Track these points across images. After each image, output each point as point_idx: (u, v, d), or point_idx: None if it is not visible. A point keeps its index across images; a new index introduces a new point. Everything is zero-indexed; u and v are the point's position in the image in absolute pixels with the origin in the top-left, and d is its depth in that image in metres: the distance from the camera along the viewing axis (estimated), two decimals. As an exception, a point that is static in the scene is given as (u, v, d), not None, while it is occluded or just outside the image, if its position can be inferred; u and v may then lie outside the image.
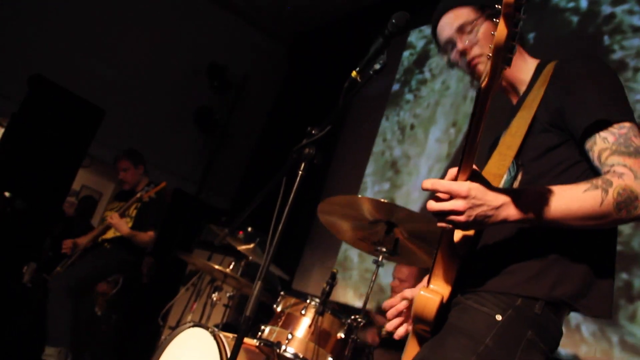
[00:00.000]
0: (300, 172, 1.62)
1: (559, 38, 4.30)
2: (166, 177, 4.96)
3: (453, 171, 1.19)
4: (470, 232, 1.37)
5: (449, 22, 1.62)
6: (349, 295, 5.17)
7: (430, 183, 1.18)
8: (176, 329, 2.90)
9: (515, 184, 1.42)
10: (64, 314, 4.11)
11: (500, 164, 1.43)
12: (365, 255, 5.18)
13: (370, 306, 3.78)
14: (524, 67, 1.60)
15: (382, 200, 2.60)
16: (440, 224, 1.21)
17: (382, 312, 3.48)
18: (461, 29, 1.60)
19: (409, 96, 5.60)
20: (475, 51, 1.57)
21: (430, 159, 4.96)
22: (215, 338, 2.59)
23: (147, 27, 6.57)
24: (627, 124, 1.29)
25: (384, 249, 2.69)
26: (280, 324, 2.70)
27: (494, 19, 1.53)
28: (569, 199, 1.19)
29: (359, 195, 2.67)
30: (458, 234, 1.36)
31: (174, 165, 6.77)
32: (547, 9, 4.49)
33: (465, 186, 1.14)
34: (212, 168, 6.98)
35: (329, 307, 2.69)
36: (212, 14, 7.11)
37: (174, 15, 6.79)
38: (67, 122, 5.23)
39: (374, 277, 2.75)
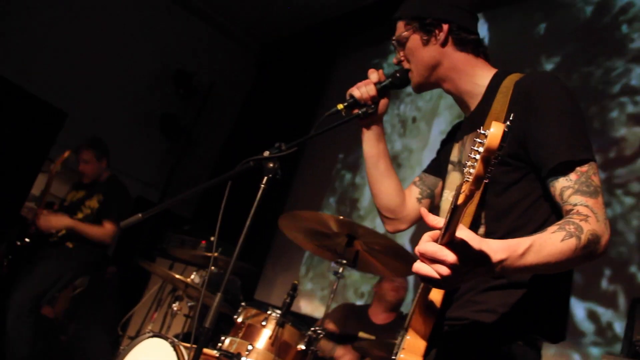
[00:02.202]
0: (262, 186, 1.62)
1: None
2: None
3: (435, 233, 1.14)
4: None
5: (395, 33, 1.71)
6: (311, 307, 5.18)
7: (418, 249, 1.13)
8: (135, 338, 2.87)
9: (481, 222, 1.45)
10: (26, 332, 3.94)
11: None
12: (328, 266, 5.21)
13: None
14: (474, 79, 1.61)
15: (341, 217, 2.64)
16: (423, 281, 1.20)
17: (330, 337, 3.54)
18: (397, 42, 1.70)
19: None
20: (407, 65, 1.69)
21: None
22: (174, 349, 2.57)
23: (114, 31, 6.49)
24: (587, 163, 1.34)
25: (344, 261, 2.73)
26: (240, 335, 2.70)
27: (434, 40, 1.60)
28: (547, 253, 1.19)
29: (320, 212, 2.71)
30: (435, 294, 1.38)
31: (137, 171, 6.68)
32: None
33: (451, 257, 1.08)
34: (176, 175, 6.91)
35: (290, 318, 2.70)
36: (180, 20, 7.08)
37: (143, 19, 6.73)
38: (28, 125, 5.13)
39: (334, 288, 2.78)
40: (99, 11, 6.39)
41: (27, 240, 4.29)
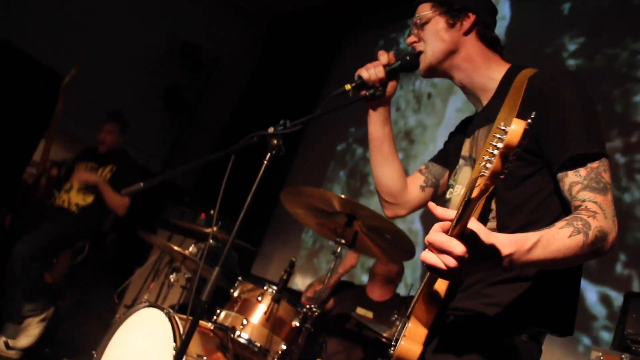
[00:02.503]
0: (265, 162, 1.62)
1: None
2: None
3: (446, 224, 1.14)
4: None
5: (416, 14, 1.69)
6: (308, 284, 5.21)
7: (428, 239, 1.13)
8: (131, 308, 2.89)
9: (491, 216, 1.45)
10: (33, 273, 4.00)
11: None
12: (326, 244, 5.23)
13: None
14: (488, 72, 1.61)
15: (343, 196, 2.63)
16: (429, 271, 1.20)
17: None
18: (415, 23, 1.68)
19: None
20: (419, 47, 1.67)
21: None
22: (169, 319, 2.59)
23: (121, 1, 6.42)
24: (599, 159, 1.33)
25: (343, 241, 2.74)
26: (236, 309, 2.71)
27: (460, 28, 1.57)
28: (555, 249, 1.19)
29: (321, 189, 2.71)
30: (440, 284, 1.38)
31: (140, 142, 6.65)
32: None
33: (460, 248, 1.09)
34: (179, 148, 6.90)
35: (286, 295, 2.71)
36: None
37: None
38: (31, 91, 5.10)
39: (332, 266, 2.79)
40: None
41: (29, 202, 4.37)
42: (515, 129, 0.90)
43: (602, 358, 2.29)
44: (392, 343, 1.51)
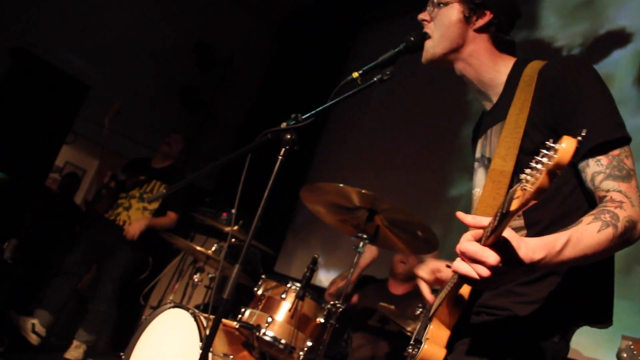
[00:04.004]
0: (280, 157, 1.61)
1: None
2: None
3: (478, 233, 1.11)
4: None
5: None
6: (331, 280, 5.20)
7: (460, 248, 1.11)
8: (157, 309, 2.91)
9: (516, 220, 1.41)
10: (112, 314, 4.36)
11: (495, 193, 1.41)
12: (348, 241, 5.21)
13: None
14: (495, 67, 1.56)
15: (364, 191, 2.60)
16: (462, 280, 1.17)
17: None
18: (433, 1, 1.63)
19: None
20: (428, 28, 1.62)
21: None
22: (195, 319, 2.60)
23: (136, 3, 6.47)
24: (620, 147, 1.29)
25: (365, 236, 2.71)
26: (260, 307, 2.71)
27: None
28: (585, 246, 1.16)
29: (341, 185, 2.68)
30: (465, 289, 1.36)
31: (157, 143, 6.70)
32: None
33: (494, 258, 1.06)
34: (196, 148, 6.93)
35: (309, 291, 2.70)
36: (200, -8, 7.01)
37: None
38: (51, 97, 5.15)
39: (354, 262, 2.77)
40: (119, -18, 6.36)
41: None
42: (567, 147, 0.86)
43: (632, 347, 2.23)
44: (411, 342, 1.48)
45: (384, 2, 6.14)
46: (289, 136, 1.62)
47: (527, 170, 0.92)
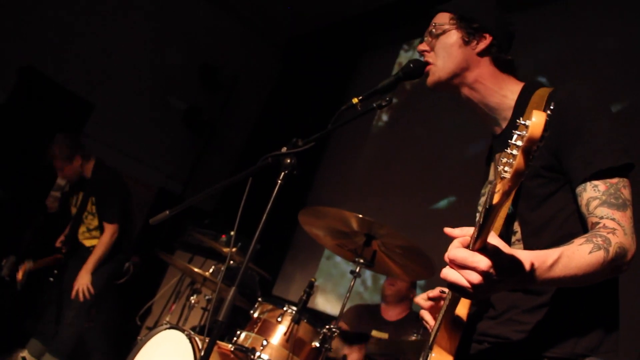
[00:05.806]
0: (279, 182, 1.63)
1: None
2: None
3: (466, 240, 1.11)
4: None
5: (433, 22, 1.66)
6: (328, 304, 5.18)
7: (448, 256, 1.10)
8: (153, 329, 2.90)
9: (516, 238, 1.42)
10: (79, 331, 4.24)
11: (499, 217, 1.41)
12: (345, 265, 5.20)
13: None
14: (502, 92, 1.57)
15: (361, 216, 2.61)
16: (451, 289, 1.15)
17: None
18: (430, 32, 1.65)
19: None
20: (429, 57, 1.63)
21: None
22: (190, 340, 2.59)
23: (141, 24, 6.55)
24: (620, 174, 1.30)
25: (362, 260, 2.72)
26: (256, 330, 2.70)
27: (465, 39, 1.55)
28: (575, 265, 1.16)
29: (338, 208, 2.69)
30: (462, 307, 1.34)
31: (160, 163, 6.75)
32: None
33: (485, 262, 1.04)
34: (199, 168, 6.96)
35: (305, 315, 2.69)
36: (207, 14, 7.10)
37: (169, 13, 6.78)
38: (55, 115, 5.20)
39: (351, 286, 2.77)
40: (126, 3, 6.45)
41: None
42: (537, 121, 0.85)
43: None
44: None
45: (387, 27, 6.22)
46: (288, 160, 1.65)
47: (503, 160, 0.91)
